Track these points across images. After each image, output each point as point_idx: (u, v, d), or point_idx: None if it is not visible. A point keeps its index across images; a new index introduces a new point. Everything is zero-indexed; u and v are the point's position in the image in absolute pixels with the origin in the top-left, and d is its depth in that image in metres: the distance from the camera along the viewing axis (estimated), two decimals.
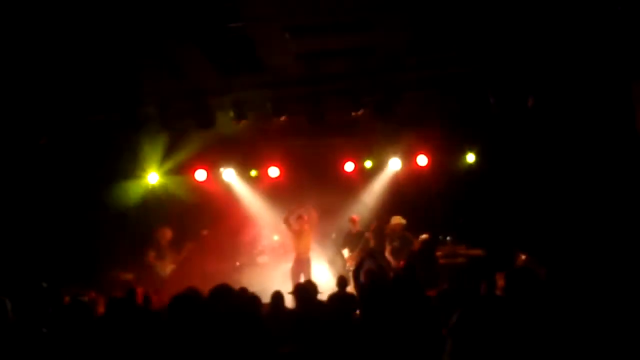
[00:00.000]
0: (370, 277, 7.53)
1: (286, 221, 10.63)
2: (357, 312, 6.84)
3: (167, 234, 10.57)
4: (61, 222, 10.02)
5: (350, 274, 10.59)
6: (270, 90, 8.25)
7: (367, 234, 10.78)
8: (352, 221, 11.10)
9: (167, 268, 10.30)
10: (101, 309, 6.84)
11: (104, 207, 10.71)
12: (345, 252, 11.02)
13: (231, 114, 8.42)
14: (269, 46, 7.19)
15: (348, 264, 10.87)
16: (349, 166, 11.40)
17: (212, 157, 11.54)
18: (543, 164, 9.94)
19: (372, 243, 10.69)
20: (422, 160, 11.03)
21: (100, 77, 7.90)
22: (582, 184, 9.11)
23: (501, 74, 8.18)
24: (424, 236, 9.93)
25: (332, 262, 11.11)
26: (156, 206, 11.12)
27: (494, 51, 7.73)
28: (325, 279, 9.88)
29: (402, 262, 9.51)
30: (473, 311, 5.41)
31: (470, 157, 10.94)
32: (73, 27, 6.45)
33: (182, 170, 11.50)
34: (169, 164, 11.47)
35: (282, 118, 8.37)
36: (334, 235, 11.31)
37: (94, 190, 10.49)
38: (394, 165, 11.43)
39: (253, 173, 11.86)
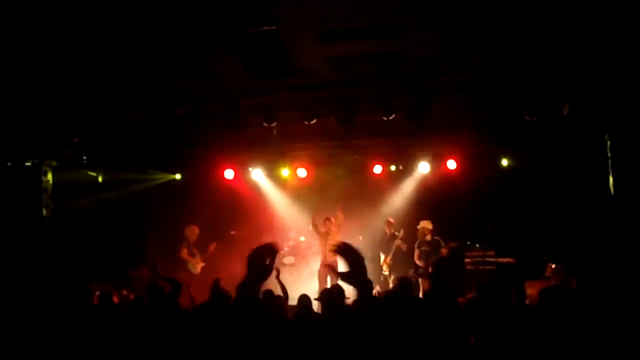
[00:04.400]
0: (403, 284, 7.47)
1: (314, 223, 10.64)
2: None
3: (195, 231, 10.69)
4: (90, 219, 10.19)
5: (384, 279, 10.56)
6: (302, 94, 8.25)
7: (397, 242, 10.69)
8: (388, 224, 11.02)
9: (198, 265, 10.44)
10: None
11: (133, 205, 10.92)
12: (381, 256, 10.95)
13: (262, 116, 8.45)
14: (301, 50, 7.19)
15: (384, 267, 10.78)
16: (378, 169, 11.36)
17: (241, 157, 11.65)
18: (576, 172, 9.77)
19: (404, 248, 10.64)
20: (451, 164, 10.93)
21: (135, 77, 8.02)
22: (616, 193, 8.91)
23: (536, 80, 8.04)
24: (452, 244, 9.89)
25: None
26: (186, 205, 11.25)
27: (529, 56, 7.60)
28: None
29: (430, 269, 9.46)
30: (508, 320, 5.37)
31: (503, 163, 10.78)
32: (109, 28, 6.55)
33: (211, 169, 11.66)
34: (198, 163, 11.66)
35: (313, 121, 8.37)
36: (361, 238, 11.27)
37: (124, 189, 10.69)
38: (423, 168, 11.35)
39: (283, 173, 11.91)
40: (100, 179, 10.83)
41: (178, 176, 11.99)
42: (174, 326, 5.70)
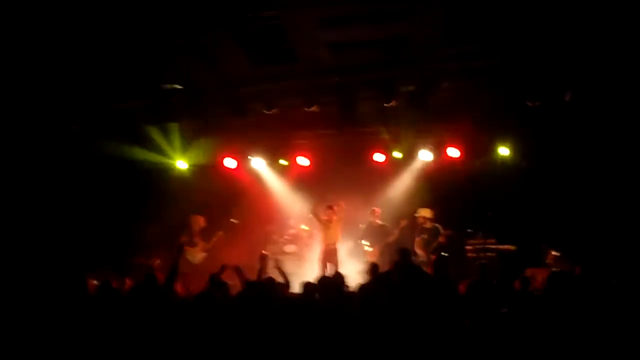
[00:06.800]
0: (401, 270, 7.46)
1: (314, 211, 10.61)
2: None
3: (201, 221, 10.63)
4: (92, 208, 10.16)
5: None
6: (302, 81, 8.20)
7: (395, 231, 10.70)
8: (373, 213, 11.03)
9: (198, 255, 10.38)
10: None
11: (135, 193, 10.88)
12: (365, 245, 10.96)
13: (262, 103, 8.40)
14: (302, 36, 7.14)
15: (367, 257, 10.80)
16: (379, 157, 11.31)
17: (242, 145, 11.60)
18: (578, 159, 9.73)
19: (395, 237, 10.65)
20: (453, 152, 10.88)
21: (134, 65, 7.96)
22: (618, 181, 8.89)
23: (538, 66, 7.99)
24: (448, 231, 9.92)
25: (350, 253, 11.09)
26: (186, 194, 11.20)
27: (531, 43, 7.55)
28: (352, 270, 9.85)
29: (433, 257, 9.45)
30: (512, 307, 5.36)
31: (504, 151, 10.70)
32: (109, 14, 6.50)
33: (212, 157, 11.60)
34: (199, 151, 11.58)
35: (313, 108, 8.32)
36: (362, 226, 11.25)
37: (127, 177, 10.65)
38: (425, 156, 11.30)
39: (283, 162, 11.89)
40: None
41: (183, 165, 11.86)
42: (169, 314, 5.70)
